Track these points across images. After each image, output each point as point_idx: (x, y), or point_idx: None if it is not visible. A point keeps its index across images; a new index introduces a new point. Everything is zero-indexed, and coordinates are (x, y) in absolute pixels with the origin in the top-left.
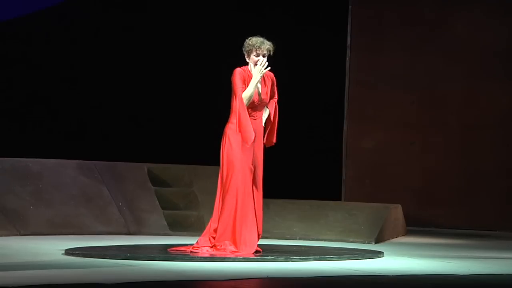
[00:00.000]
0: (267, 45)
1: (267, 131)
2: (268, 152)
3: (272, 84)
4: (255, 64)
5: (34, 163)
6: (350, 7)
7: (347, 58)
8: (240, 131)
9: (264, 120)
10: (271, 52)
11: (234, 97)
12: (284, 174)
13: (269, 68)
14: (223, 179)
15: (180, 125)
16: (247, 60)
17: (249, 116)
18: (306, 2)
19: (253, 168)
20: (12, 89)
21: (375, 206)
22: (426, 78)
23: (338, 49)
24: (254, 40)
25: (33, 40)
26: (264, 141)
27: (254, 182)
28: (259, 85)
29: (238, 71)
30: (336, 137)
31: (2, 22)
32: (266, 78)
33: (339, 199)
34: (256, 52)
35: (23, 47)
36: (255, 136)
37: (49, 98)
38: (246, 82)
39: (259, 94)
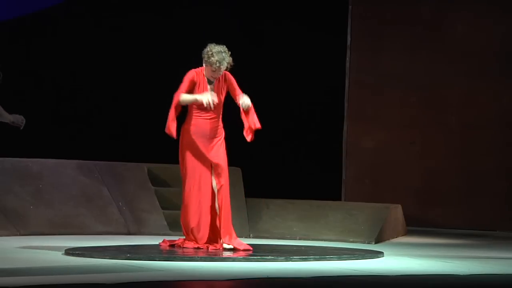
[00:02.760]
0: (225, 66)
1: (247, 122)
2: (269, 152)
3: (230, 84)
4: (211, 71)
5: (34, 163)
6: (350, 7)
7: (347, 59)
8: (167, 124)
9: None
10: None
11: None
12: (284, 174)
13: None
14: (183, 178)
15: (180, 125)
16: (204, 65)
17: (203, 117)
18: (306, 2)
19: (209, 166)
20: (12, 89)
21: (375, 206)
22: (426, 78)
23: (338, 50)
24: (213, 59)
25: (33, 40)
26: (246, 133)
27: (218, 178)
28: (213, 88)
29: (190, 73)
30: (336, 137)
31: (2, 22)
32: (221, 81)
33: (339, 199)
34: (213, 68)
35: (23, 47)
36: (205, 135)
37: (49, 98)
38: (197, 85)
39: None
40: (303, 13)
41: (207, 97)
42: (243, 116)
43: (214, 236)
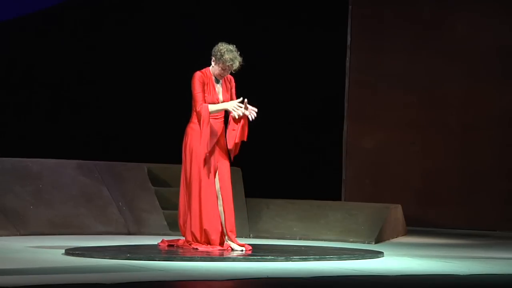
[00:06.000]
0: (237, 65)
1: (234, 139)
2: (269, 152)
3: (231, 88)
4: (221, 70)
5: (34, 163)
6: (350, 7)
7: (347, 58)
8: (201, 140)
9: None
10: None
11: (194, 100)
12: (284, 174)
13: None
14: (186, 178)
15: (180, 125)
16: (212, 64)
17: (213, 117)
18: (306, 2)
19: (217, 166)
20: (12, 89)
21: (375, 206)
22: (426, 78)
23: (338, 49)
24: (227, 56)
25: (33, 40)
26: (229, 147)
27: (222, 179)
28: (220, 87)
29: (197, 75)
30: (336, 137)
31: (2, 22)
32: (226, 81)
33: (339, 199)
34: (224, 66)
35: (23, 47)
36: (217, 137)
37: (49, 98)
38: (206, 85)
39: (220, 97)
40: (303, 13)
41: (233, 105)
42: (236, 126)
43: (221, 238)
